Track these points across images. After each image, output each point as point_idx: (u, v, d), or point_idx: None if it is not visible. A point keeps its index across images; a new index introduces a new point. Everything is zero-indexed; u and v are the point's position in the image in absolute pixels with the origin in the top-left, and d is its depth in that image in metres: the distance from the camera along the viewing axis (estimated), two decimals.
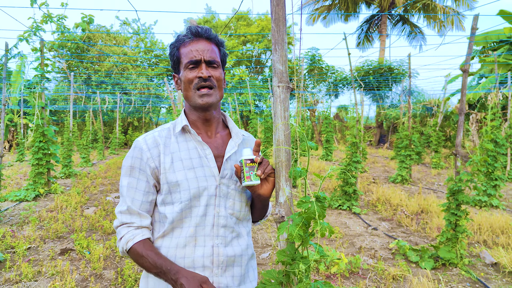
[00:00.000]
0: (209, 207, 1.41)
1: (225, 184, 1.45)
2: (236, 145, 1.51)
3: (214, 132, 1.53)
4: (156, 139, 1.43)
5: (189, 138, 1.46)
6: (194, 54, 1.42)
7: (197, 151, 1.44)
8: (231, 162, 1.48)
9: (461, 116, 4.67)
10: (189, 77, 1.42)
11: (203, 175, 1.41)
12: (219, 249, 1.41)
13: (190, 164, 1.41)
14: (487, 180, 7.77)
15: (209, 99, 1.43)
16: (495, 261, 4.72)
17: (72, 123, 13.57)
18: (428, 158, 16.42)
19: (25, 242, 5.13)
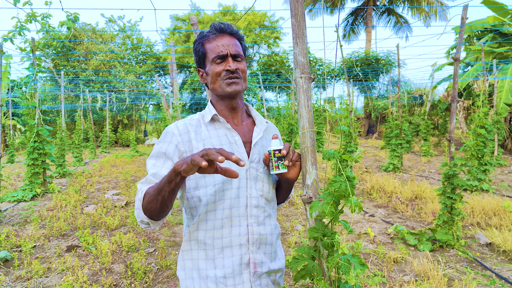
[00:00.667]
0: (241, 189, 1.50)
1: (254, 167, 1.54)
2: (261, 132, 1.61)
3: (240, 120, 1.62)
4: (187, 126, 1.53)
5: (218, 126, 1.56)
6: (220, 49, 1.52)
7: (227, 138, 1.53)
8: (258, 147, 1.58)
9: (453, 103, 4.83)
10: (217, 70, 1.52)
11: None
12: (253, 228, 1.50)
13: None
14: (477, 165, 8.00)
15: (237, 87, 1.52)
16: (489, 241, 4.92)
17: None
18: (417, 146, 16.71)
19: (30, 240, 5.18)
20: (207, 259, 1.48)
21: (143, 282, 4.01)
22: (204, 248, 1.48)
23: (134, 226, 5.93)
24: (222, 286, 1.46)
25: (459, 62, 4.82)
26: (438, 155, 14.15)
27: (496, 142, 11.39)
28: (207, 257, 1.49)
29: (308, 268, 1.44)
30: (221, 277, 1.46)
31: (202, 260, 1.49)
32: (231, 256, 1.47)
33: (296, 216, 6.43)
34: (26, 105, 8.20)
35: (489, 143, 8.54)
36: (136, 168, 12.42)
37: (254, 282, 1.49)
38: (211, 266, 1.47)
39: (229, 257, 1.47)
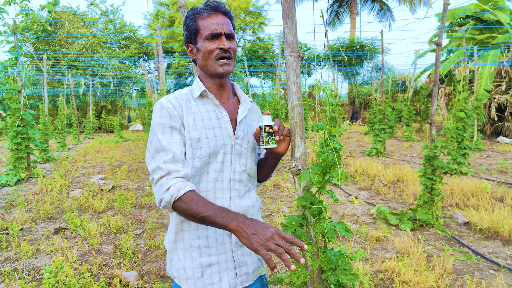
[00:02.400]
0: (226, 164, 1.57)
1: (239, 143, 1.61)
2: (246, 110, 1.67)
3: (226, 98, 1.68)
4: (178, 99, 1.56)
5: (207, 102, 1.61)
6: (215, 27, 1.54)
7: (215, 113, 1.59)
8: (243, 125, 1.65)
9: (435, 87, 4.97)
10: (210, 48, 1.55)
11: (221, 134, 1.56)
12: (235, 200, 1.57)
13: (210, 124, 1.56)
14: (457, 149, 8.24)
15: (229, 68, 1.58)
16: (467, 220, 5.13)
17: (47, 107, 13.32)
18: (400, 132, 17.00)
19: (17, 223, 5.19)
20: (191, 230, 1.54)
21: (132, 262, 4.09)
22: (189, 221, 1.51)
23: (121, 209, 5.97)
24: (205, 255, 1.53)
25: (441, 48, 4.95)
26: (420, 141, 14.44)
27: (475, 127, 11.69)
28: (190, 228, 1.54)
29: (296, 234, 1.54)
30: (205, 246, 1.53)
31: (186, 231, 1.55)
32: None
33: (281, 198, 6.55)
34: (9, 89, 8.08)
35: (468, 128, 8.77)
36: (121, 153, 12.38)
37: (236, 252, 1.56)
38: (195, 237, 1.53)
39: (212, 228, 1.53)
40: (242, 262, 1.58)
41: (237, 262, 1.56)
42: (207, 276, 1.53)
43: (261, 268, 1.68)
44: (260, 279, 1.70)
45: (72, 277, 3.49)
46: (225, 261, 1.54)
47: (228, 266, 1.54)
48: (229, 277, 1.54)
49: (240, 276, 1.57)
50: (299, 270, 1.52)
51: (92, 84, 21.52)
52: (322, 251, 1.54)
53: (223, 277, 1.53)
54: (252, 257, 1.62)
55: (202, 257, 1.53)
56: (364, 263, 3.95)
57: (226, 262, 1.54)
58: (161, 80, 7.53)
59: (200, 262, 1.53)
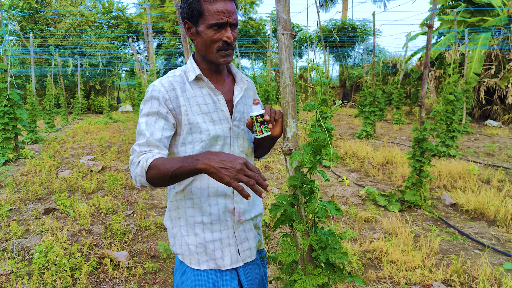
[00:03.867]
0: (225, 146, 1.58)
1: (236, 125, 1.61)
2: (242, 90, 1.66)
3: (222, 79, 1.65)
4: (172, 83, 1.52)
5: (202, 85, 1.57)
6: (221, 16, 1.45)
7: (211, 97, 1.57)
8: (239, 106, 1.64)
9: (425, 70, 4.98)
10: (214, 37, 1.47)
11: (218, 118, 1.56)
12: None
13: (206, 108, 1.55)
14: (445, 132, 8.32)
15: (229, 58, 1.54)
16: (454, 202, 5.22)
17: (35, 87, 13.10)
18: (390, 115, 17.09)
19: (6, 204, 5.15)
20: (194, 207, 1.57)
21: (123, 242, 4.10)
22: (191, 198, 1.56)
23: (111, 189, 5.95)
24: (208, 230, 1.57)
25: (433, 30, 4.94)
26: (410, 123, 14.54)
27: (464, 110, 11.79)
28: (194, 205, 1.57)
29: (287, 214, 1.55)
30: (208, 223, 1.57)
31: (189, 208, 1.58)
32: (217, 204, 1.57)
33: (271, 180, 6.58)
34: None
35: (457, 111, 8.85)
36: (110, 134, 12.28)
37: (237, 229, 1.61)
38: (198, 213, 1.57)
39: (215, 205, 1.57)
40: (243, 238, 1.63)
41: (238, 238, 1.61)
42: (210, 250, 1.57)
43: (260, 242, 1.73)
44: (261, 253, 1.76)
45: (63, 257, 3.49)
46: (227, 237, 1.58)
47: (230, 242, 1.59)
48: (231, 252, 1.59)
49: (243, 252, 1.62)
50: (289, 248, 1.54)
51: (81, 64, 21.18)
52: (313, 230, 1.55)
53: (225, 253, 1.58)
54: (253, 232, 1.67)
55: (205, 233, 1.57)
56: (352, 243, 4.02)
57: (228, 238, 1.58)
58: (151, 61, 7.43)
59: (204, 238, 1.57)
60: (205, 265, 1.58)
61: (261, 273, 1.74)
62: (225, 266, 1.58)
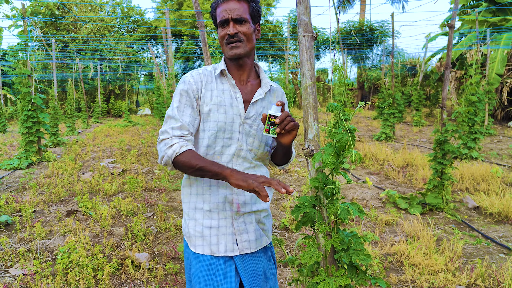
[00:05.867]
0: (233, 140, 1.67)
1: (249, 124, 1.68)
2: (263, 93, 1.73)
3: (246, 80, 1.74)
4: (200, 75, 1.68)
5: (225, 81, 1.70)
6: (223, 14, 1.62)
7: (230, 93, 1.69)
8: (257, 107, 1.71)
9: (447, 70, 4.90)
10: (221, 34, 1.66)
11: (231, 112, 1.66)
12: None
13: (223, 101, 1.66)
14: (467, 134, 8.16)
15: (236, 50, 1.63)
16: (477, 205, 5.11)
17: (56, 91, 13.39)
18: (409, 116, 16.87)
19: (30, 206, 5.27)
20: (197, 194, 1.69)
21: (144, 243, 4.14)
22: (196, 185, 1.68)
23: (132, 192, 6.03)
24: (207, 217, 1.67)
25: (453, 29, 4.86)
26: (430, 125, 14.32)
27: (486, 111, 11.55)
28: (197, 192, 1.69)
29: (309, 215, 1.54)
30: (207, 210, 1.67)
31: (194, 195, 1.71)
32: (217, 194, 1.66)
33: (290, 182, 6.57)
34: (19, 73, 8.12)
35: (480, 112, 8.68)
36: (130, 137, 12.45)
37: (237, 220, 1.67)
38: (200, 200, 1.68)
39: (215, 194, 1.66)
40: (242, 229, 1.68)
41: (236, 229, 1.66)
42: (206, 236, 1.66)
43: (264, 238, 1.76)
44: (265, 251, 1.79)
45: (85, 258, 3.55)
46: (225, 226, 1.66)
47: (227, 231, 1.66)
48: (226, 241, 1.65)
49: (241, 243, 1.67)
50: (312, 250, 1.53)
51: (100, 68, 21.54)
52: (335, 232, 1.54)
53: (221, 240, 1.65)
54: (254, 225, 1.71)
55: (204, 219, 1.67)
56: (373, 246, 3.97)
57: (225, 227, 1.66)
58: (170, 64, 7.50)
59: (202, 223, 1.67)
60: (200, 249, 1.66)
61: (265, 269, 1.76)
62: (219, 252, 1.64)
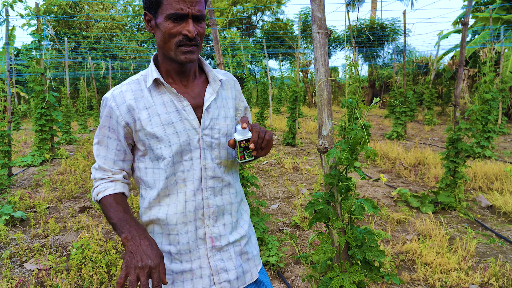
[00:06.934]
0: (194, 161, 1.36)
1: (208, 134, 1.37)
2: (214, 92, 1.41)
3: (190, 81, 1.41)
4: (124, 94, 1.32)
5: (163, 90, 1.34)
6: (181, 6, 1.24)
7: (174, 104, 1.34)
8: (212, 111, 1.40)
9: (460, 68, 4.85)
10: (172, 31, 1.27)
11: (183, 129, 1.33)
12: (209, 200, 1.38)
13: (168, 118, 1.32)
14: (480, 132, 8.07)
15: (192, 56, 1.30)
16: (490, 204, 5.06)
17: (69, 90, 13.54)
18: (421, 115, 16.72)
19: (44, 202, 5.34)
20: (163, 234, 1.38)
21: None
22: (159, 223, 1.37)
23: None
24: (177, 261, 1.37)
25: (467, 27, 4.81)
26: (442, 124, 14.19)
27: (500, 110, 11.41)
28: (162, 231, 1.38)
29: (323, 211, 1.55)
30: (176, 253, 1.37)
31: (157, 234, 1.40)
32: (186, 232, 1.36)
33: (301, 180, 6.56)
34: (33, 72, 8.22)
35: (493, 111, 8.57)
36: None
37: (213, 257, 1.38)
38: (166, 242, 1.38)
39: (184, 233, 1.36)
40: (221, 268, 1.38)
41: (214, 268, 1.37)
42: (178, 283, 1.37)
43: (249, 274, 1.45)
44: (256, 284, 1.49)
45: (99, 253, 3.59)
46: (199, 268, 1.36)
47: (203, 273, 1.36)
48: (202, 285, 1.36)
49: (219, 284, 1.37)
50: (325, 246, 1.54)
51: (112, 66, 21.72)
52: (349, 228, 1.54)
53: (196, 285, 1.36)
54: (235, 261, 1.41)
55: (173, 263, 1.37)
56: (385, 244, 3.96)
57: (200, 269, 1.36)
58: None
59: (171, 269, 1.37)
60: None
61: None
62: None
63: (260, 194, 5.81)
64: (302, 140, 10.80)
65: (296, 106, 9.90)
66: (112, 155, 1.35)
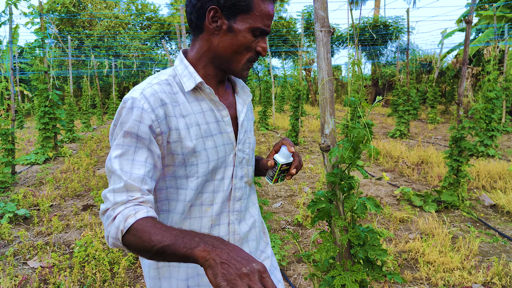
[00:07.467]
0: (225, 180, 1.21)
1: (241, 149, 1.25)
2: (245, 104, 1.29)
3: (224, 89, 1.28)
4: (159, 95, 1.09)
5: (201, 97, 1.17)
6: (268, 22, 1.14)
7: (214, 114, 1.18)
8: (245, 123, 1.28)
9: (464, 67, 4.83)
10: (251, 45, 1.14)
11: (222, 143, 1.19)
12: (234, 226, 1.25)
13: (207, 130, 1.16)
14: (484, 131, 8.04)
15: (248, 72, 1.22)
16: (493, 203, 5.04)
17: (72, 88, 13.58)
18: (424, 114, 16.68)
19: (47, 200, 5.36)
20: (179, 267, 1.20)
21: None
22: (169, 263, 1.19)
23: None
24: None
25: (471, 25, 4.79)
26: (445, 123, 14.14)
27: (504, 109, 11.36)
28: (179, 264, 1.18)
29: (325, 209, 1.55)
30: (195, 286, 1.21)
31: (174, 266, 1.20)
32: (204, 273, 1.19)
33: (303, 179, 6.56)
34: (36, 70, 8.25)
35: (497, 109, 8.53)
36: None
37: None
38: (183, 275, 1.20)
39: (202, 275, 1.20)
40: None
41: None
42: None
43: None
44: None
45: (102, 252, 3.60)
46: None
47: None
48: None
49: None
50: (327, 244, 1.54)
51: (115, 65, 21.77)
52: (351, 227, 1.54)
53: None
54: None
55: None
56: (387, 243, 3.95)
57: None
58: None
59: None
60: None
61: None
62: None
63: (262, 193, 5.82)
64: (305, 139, 10.79)
65: (299, 104, 9.90)
66: (141, 171, 1.03)
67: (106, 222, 0.99)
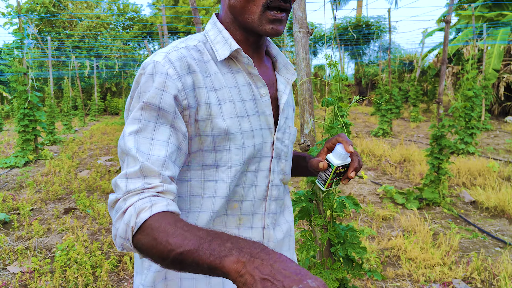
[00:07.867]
0: (260, 173, 0.98)
1: (280, 139, 1.02)
2: (288, 84, 1.05)
3: (261, 62, 1.04)
4: (187, 60, 0.88)
5: (236, 68, 0.96)
6: None
7: (251, 90, 0.96)
8: (285, 108, 1.06)
9: (443, 66, 4.92)
10: None
11: (259, 127, 0.96)
12: (269, 231, 1.02)
13: (243, 109, 0.94)
14: (464, 129, 8.19)
15: (280, 28, 0.91)
16: (473, 199, 5.14)
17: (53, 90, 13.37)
18: (406, 112, 16.91)
19: (27, 204, 5.27)
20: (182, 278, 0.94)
21: None
22: None
23: None
24: None
25: (449, 25, 4.88)
26: (427, 121, 14.36)
27: (483, 107, 11.59)
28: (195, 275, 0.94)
29: (306, 209, 1.56)
30: None
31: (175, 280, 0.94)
32: None
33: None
34: (15, 71, 8.09)
35: (476, 107, 8.70)
36: None
37: None
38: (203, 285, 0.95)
39: None
40: None
41: None
42: None
43: None
44: None
45: (84, 255, 3.55)
46: None
47: None
48: None
49: None
50: (308, 243, 1.54)
51: (97, 66, 21.50)
52: (331, 225, 1.56)
53: None
54: None
55: None
56: (370, 241, 3.99)
57: None
58: None
59: None
60: None
61: None
62: None
63: None
64: None
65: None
66: (162, 152, 0.80)
67: (115, 217, 0.77)
